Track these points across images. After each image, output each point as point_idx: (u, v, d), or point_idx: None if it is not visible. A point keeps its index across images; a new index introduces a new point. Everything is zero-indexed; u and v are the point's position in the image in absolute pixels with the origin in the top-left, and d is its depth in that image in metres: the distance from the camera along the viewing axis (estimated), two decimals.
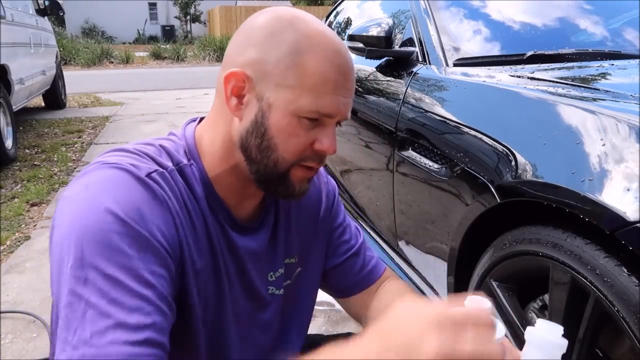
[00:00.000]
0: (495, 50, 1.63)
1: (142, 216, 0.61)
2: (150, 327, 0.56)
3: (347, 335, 0.96)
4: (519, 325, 1.01)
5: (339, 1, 3.16)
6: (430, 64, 1.58)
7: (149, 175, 0.65)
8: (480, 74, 1.36)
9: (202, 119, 0.78)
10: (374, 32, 1.75)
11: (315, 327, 1.86)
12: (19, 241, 2.67)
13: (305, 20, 0.68)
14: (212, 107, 0.74)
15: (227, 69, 0.69)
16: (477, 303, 0.52)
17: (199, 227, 0.70)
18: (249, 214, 0.79)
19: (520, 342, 0.55)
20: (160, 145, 0.72)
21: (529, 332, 0.52)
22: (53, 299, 0.60)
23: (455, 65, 1.51)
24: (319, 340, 0.98)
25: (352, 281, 0.91)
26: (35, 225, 2.90)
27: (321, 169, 0.92)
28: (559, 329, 0.51)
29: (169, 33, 24.26)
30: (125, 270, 0.57)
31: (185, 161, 0.71)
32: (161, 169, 0.67)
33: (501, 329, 0.53)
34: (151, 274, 0.59)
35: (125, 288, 0.56)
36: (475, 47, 1.62)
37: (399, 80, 1.70)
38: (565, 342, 0.50)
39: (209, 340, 0.73)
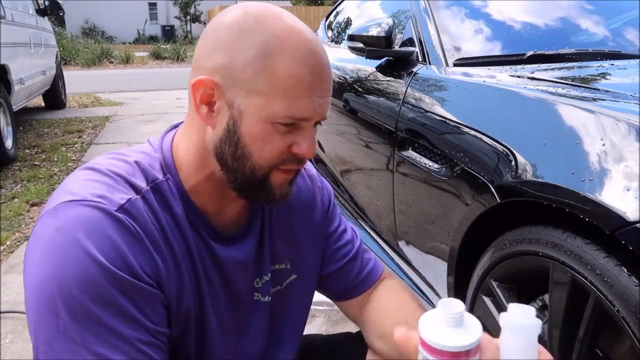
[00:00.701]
0: (495, 50, 1.63)
1: (123, 259, 0.60)
2: None
3: (346, 335, 0.97)
4: None
5: (339, 1, 3.16)
6: (430, 64, 1.58)
7: (120, 208, 0.62)
8: (480, 74, 1.36)
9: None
10: (374, 32, 1.75)
11: (315, 327, 1.86)
12: (19, 241, 2.67)
13: (275, 17, 0.64)
14: (187, 112, 0.71)
15: (195, 75, 0.65)
16: (450, 304, 0.52)
17: (178, 248, 0.68)
18: (234, 220, 0.76)
19: None
20: (135, 162, 0.69)
21: (503, 319, 0.52)
22: (35, 348, 0.59)
23: (455, 65, 1.51)
24: (317, 340, 0.98)
25: (350, 285, 0.90)
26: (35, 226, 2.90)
27: (315, 173, 0.92)
28: (532, 310, 0.51)
29: (169, 33, 24.25)
30: (121, 319, 0.58)
31: (160, 177, 0.69)
32: (134, 196, 0.64)
33: (478, 329, 0.52)
34: (145, 316, 0.61)
35: (124, 337, 0.58)
36: (475, 47, 1.62)
37: (399, 80, 1.70)
38: (539, 322, 0.50)
39: (196, 356, 0.73)
